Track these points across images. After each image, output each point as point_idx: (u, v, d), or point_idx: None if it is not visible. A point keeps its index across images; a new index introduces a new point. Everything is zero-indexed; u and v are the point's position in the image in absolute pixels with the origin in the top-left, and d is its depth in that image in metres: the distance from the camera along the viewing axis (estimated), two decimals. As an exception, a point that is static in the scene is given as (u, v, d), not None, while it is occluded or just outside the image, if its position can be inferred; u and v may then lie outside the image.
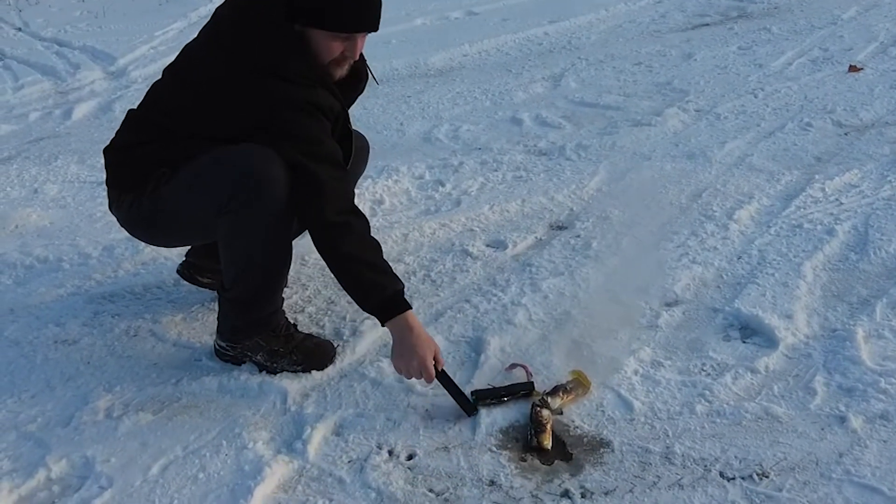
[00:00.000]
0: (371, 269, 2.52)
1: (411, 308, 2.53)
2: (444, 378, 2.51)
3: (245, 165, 2.43)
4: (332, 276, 2.59)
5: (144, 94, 2.70)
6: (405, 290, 2.56)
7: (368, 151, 3.11)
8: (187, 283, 3.12)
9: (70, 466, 2.33)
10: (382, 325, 2.53)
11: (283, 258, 2.64)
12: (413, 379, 2.53)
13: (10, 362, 2.82)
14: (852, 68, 5.73)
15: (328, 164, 2.52)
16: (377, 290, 2.50)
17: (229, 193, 2.45)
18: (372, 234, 2.57)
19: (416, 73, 6.69)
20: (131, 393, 2.63)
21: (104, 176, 2.71)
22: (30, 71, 6.98)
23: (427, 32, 7.91)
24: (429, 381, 2.49)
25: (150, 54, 7.29)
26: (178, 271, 3.13)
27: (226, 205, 2.46)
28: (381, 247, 2.56)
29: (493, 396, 2.52)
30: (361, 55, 2.67)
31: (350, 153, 2.69)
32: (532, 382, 2.55)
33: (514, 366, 2.64)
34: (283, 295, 2.77)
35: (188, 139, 2.53)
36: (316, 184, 2.48)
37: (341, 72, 2.60)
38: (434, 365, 2.48)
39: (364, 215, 2.57)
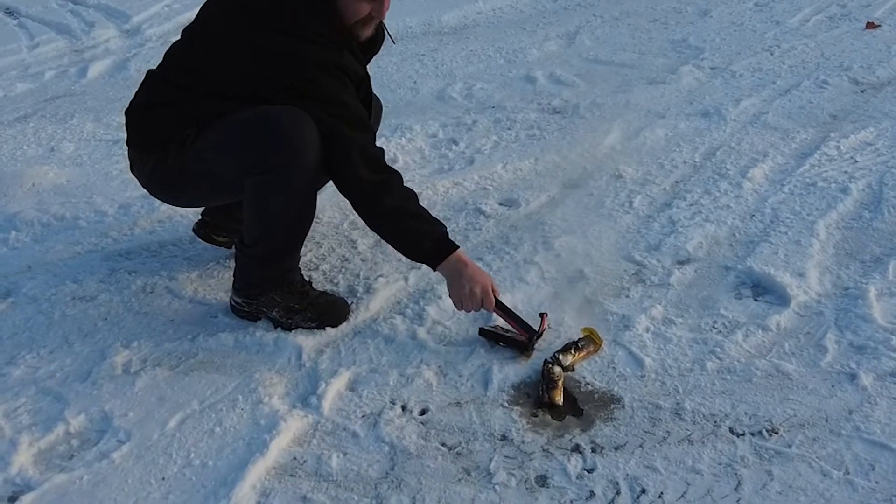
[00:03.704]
0: (415, 218, 2.58)
1: (459, 247, 2.60)
2: (502, 307, 2.61)
3: (278, 127, 2.42)
4: (375, 233, 2.67)
5: (163, 55, 2.69)
6: (448, 230, 2.63)
7: (381, 110, 3.11)
8: (202, 241, 3.15)
9: (88, 421, 2.36)
10: (434, 270, 2.61)
11: (309, 217, 2.66)
12: (473, 311, 2.61)
13: (29, 319, 2.85)
14: (870, 25, 5.68)
15: (359, 126, 2.54)
16: (424, 237, 2.58)
17: (261, 155, 2.45)
18: (406, 185, 2.61)
19: (429, 30, 6.65)
20: (148, 348, 2.66)
21: (123, 136, 2.73)
22: (45, 29, 6.95)
23: (441, -11, 7.85)
24: (490, 308, 2.58)
25: (164, 12, 7.26)
26: (193, 230, 3.15)
27: (256, 166, 2.46)
28: (416, 195, 2.61)
29: (492, 337, 2.62)
30: None
31: (370, 117, 2.69)
32: (528, 340, 2.57)
33: (543, 314, 2.67)
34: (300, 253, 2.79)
35: (210, 99, 2.53)
36: (350, 146, 2.50)
37: (367, 32, 2.60)
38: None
39: (396, 170, 2.60)
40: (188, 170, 2.59)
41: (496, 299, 2.60)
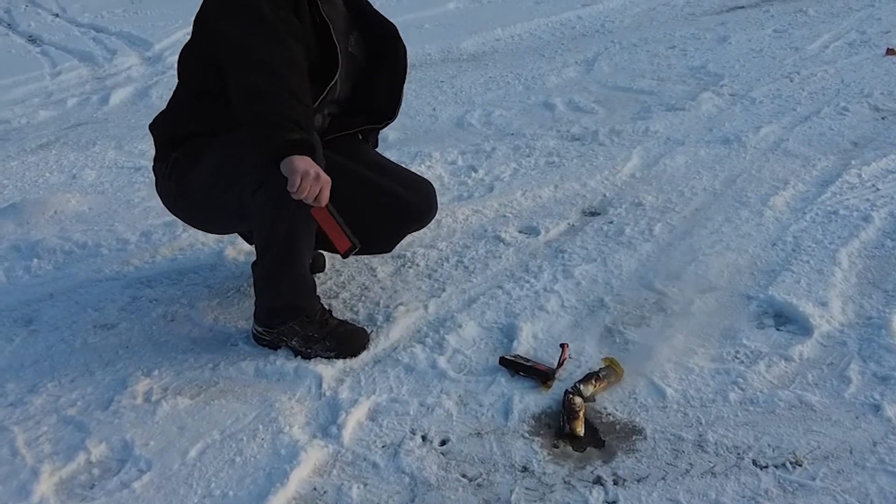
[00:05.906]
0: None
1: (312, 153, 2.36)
2: (333, 211, 2.42)
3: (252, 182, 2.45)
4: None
5: None
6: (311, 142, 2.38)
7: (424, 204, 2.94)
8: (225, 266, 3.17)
9: (109, 450, 2.36)
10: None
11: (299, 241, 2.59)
12: (304, 194, 2.31)
13: (50, 347, 2.87)
14: (890, 51, 5.67)
15: (251, 69, 2.46)
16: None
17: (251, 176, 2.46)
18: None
19: (448, 57, 6.69)
20: (169, 377, 2.66)
21: (144, 163, 2.77)
22: (67, 57, 7.04)
23: (460, 17, 7.91)
24: (323, 201, 2.35)
25: (185, 40, 7.33)
26: None
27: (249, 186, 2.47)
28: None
29: (513, 367, 2.59)
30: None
31: (335, 67, 2.65)
32: (550, 372, 2.55)
33: (563, 345, 2.65)
34: (318, 281, 2.78)
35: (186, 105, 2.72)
36: (239, 93, 2.46)
37: None
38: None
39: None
40: (190, 202, 2.70)
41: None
